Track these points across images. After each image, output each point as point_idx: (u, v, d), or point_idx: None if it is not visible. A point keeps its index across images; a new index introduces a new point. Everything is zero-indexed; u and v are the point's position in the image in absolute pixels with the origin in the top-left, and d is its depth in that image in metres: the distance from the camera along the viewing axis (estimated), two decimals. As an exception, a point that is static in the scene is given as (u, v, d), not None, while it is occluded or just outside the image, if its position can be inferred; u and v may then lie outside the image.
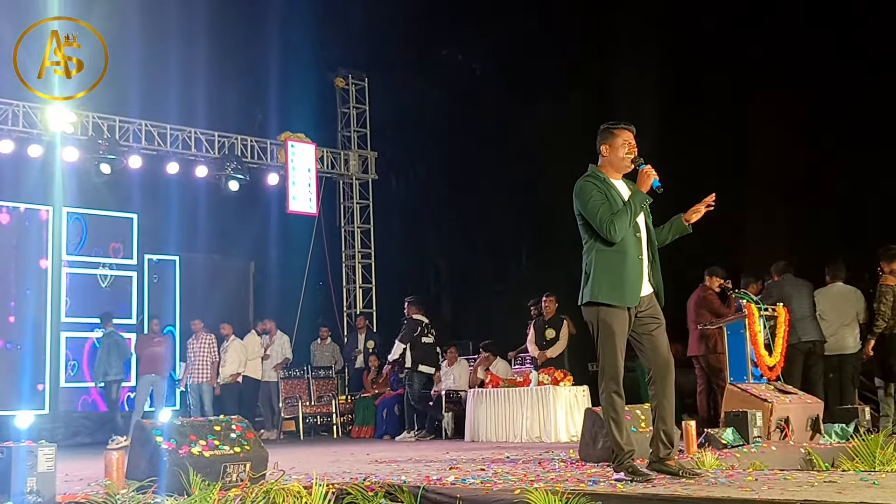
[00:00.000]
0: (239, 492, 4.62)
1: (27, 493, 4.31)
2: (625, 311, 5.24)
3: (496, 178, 15.90)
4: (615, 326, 5.23)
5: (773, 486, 4.47)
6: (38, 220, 14.13)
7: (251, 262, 17.03)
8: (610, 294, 5.21)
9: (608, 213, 5.23)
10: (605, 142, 5.51)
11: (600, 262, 5.28)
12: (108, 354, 13.16)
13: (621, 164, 5.46)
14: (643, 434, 6.66)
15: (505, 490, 4.66)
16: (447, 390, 12.54)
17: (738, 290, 9.67)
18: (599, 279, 5.25)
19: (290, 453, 8.75)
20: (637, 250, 5.30)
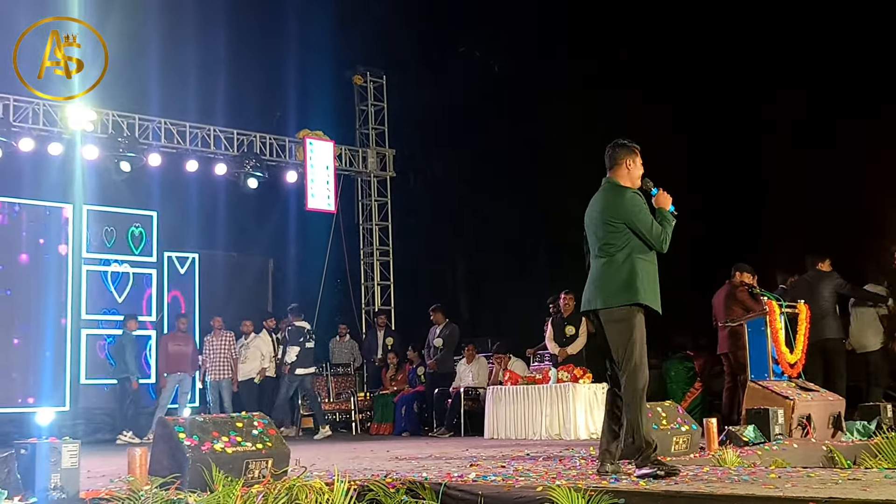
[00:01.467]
0: (261, 488, 4.63)
1: (51, 489, 4.32)
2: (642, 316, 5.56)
3: (514, 175, 15.88)
4: (641, 324, 5.53)
5: (797, 484, 4.45)
6: (59, 218, 14.19)
7: (270, 259, 17.06)
8: (653, 299, 5.54)
9: (660, 226, 5.59)
10: (630, 157, 5.86)
11: (642, 270, 5.53)
12: (123, 352, 13.23)
13: (637, 181, 5.80)
14: (664, 431, 6.66)
15: (527, 487, 4.66)
16: (465, 388, 12.55)
17: (760, 288, 9.63)
18: (644, 284, 5.51)
19: (310, 450, 8.76)
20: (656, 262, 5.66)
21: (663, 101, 13.87)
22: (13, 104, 13.51)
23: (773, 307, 9.00)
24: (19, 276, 13.80)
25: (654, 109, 13.87)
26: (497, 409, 11.22)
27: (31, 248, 13.93)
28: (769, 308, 8.98)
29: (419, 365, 13.90)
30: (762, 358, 8.92)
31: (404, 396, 13.47)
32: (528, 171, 15.57)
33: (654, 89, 13.96)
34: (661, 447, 6.52)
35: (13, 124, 13.40)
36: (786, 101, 12.64)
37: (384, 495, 4.92)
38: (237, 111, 15.45)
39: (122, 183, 14.37)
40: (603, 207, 5.72)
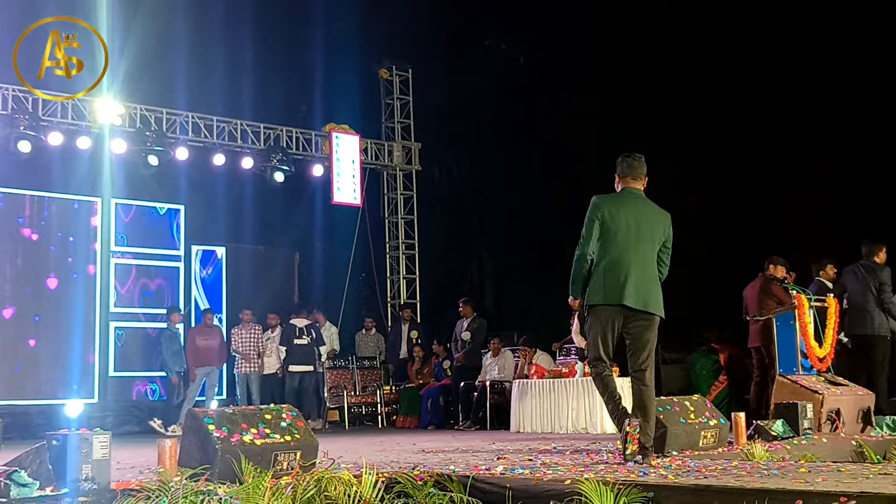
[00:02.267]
0: (290, 480, 4.64)
1: (82, 479, 4.35)
2: None
3: (540, 168, 15.85)
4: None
5: (828, 478, 4.42)
6: (88, 212, 14.31)
7: (296, 252, 17.12)
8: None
9: None
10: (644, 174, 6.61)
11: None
12: (170, 346, 13.38)
13: None
14: (692, 425, 6.64)
15: (555, 480, 4.65)
16: (491, 381, 12.55)
17: (788, 281, 9.57)
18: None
19: (337, 442, 8.79)
20: None
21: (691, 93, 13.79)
22: (42, 99, 13.61)
23: (802, 301, 8.94)
24: (48, 269, 13.93)
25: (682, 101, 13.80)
26: (523, 402, 11.21)
27: (60, 242, 14.06)
28: (798, 302, 8.92)
29: (445, 358, 13.92)
30: (791, 352, 8.87)
31: (430, 390, 13.49)
32: (554, 164, 15.54)
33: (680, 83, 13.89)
34: (689, 441, 6.52)
35: (42, 118, 13.51)
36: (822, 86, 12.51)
37: (412, 488, 4.92)
38: (264, 105, 15.53)
39: (149, 177, 14.47)
40: (665, 226, 6.40)
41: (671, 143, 13.90)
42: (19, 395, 13.16)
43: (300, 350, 13.76)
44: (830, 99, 12.43)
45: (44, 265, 13.90)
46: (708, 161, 13.61)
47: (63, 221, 14.13)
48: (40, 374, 13.61)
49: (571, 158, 15.03)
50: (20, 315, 13.62)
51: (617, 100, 14.20)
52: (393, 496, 4.86)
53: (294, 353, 13.75)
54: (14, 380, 13.39)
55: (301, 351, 13.77)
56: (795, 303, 8.95)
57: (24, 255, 13.78)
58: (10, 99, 13.30)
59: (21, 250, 13.78)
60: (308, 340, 13.82)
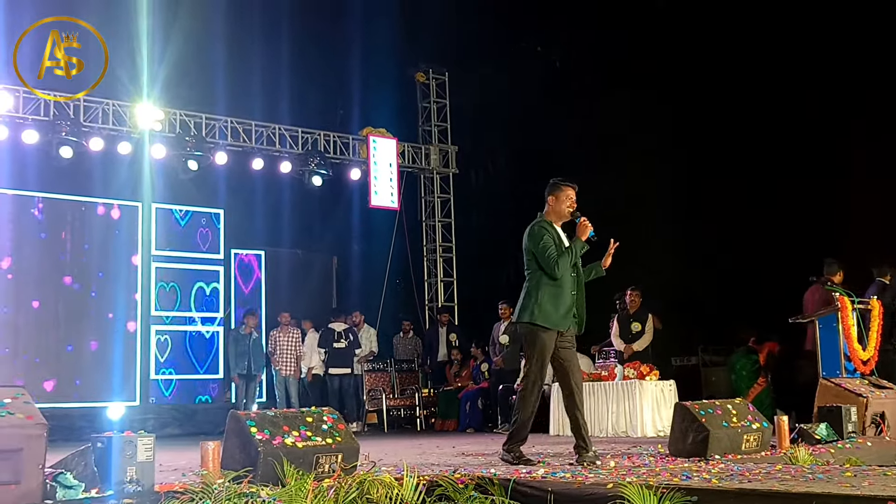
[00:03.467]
0: (332, 482, 4.66)
1: (127, 481, 4.38)
2: (554, 333, 6.45)
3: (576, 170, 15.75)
4: (548, 344, 6.45)
5: (874, 482, 4.36)
6: (128, 216, 14.45)
7: (334, 256, 17.19)
8: (548, 319, 6.42)
9: (555, 254, 6.47)
10: (552, 194, 6.74)
11: (544, 292, 6.48)
12: (235, 348, 13.54)
13: (563, 215, 6.66)
14: (735, 429, 6.57)
15: (597, 484, 4.62)
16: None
17: (831, 284, 9.45)
18: (542, 305, 6.46)
19: (377, 445, 8.80)
20: (572, 287, 6.53)
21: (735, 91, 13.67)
22: (83, 104, 13.78)
23: (845, 303, 8.84)
24: (90, 273, 14.09)
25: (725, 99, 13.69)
26: (562, 406, 11.13)
27: (101, 247, 14.21)
28: (841, 304, 8.81)
29: (483, 361, 13.90)
30: (834, 355, 8.77)
31: (468, 393, 13.47)
32: (590, 167, 15.45)
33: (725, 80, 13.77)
34: (731, 445, 6.46)
35: (83, 124, 13.66)
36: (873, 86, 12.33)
37: (453, 491, 4.92)
38: (302, 110, 15.60)
39: (189, 181, 14.58)
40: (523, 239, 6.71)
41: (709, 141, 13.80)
42: (62, 398, 13.30)
43: (339, 353, 13.90)
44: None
45: (85, 269, 14.05)
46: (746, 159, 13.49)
47: (104, 226, 14.27)
48: (82, 378, 13.76)
49: (607, 161, 14.95)
50: (62, 318, 13.78)
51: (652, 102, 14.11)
52: (434, 499, 4.86)
53: (333, 356, 13.90)
54: (57, 383, 13.55)
55: (339, 354, 13.91)
56: (838, 304, 8.84)
57: (65, 259, 13.94)
58: (51, 105, 13.46)
59: (62, 254, 13.94)
60: (346, 344, 13.95)
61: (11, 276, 13.46)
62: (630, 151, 14.38)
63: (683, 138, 13.96)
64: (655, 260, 13.60)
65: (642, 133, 14.27)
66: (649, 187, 14.03)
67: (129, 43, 12.76)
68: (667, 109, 14.03)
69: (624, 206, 14.45)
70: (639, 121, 14.29)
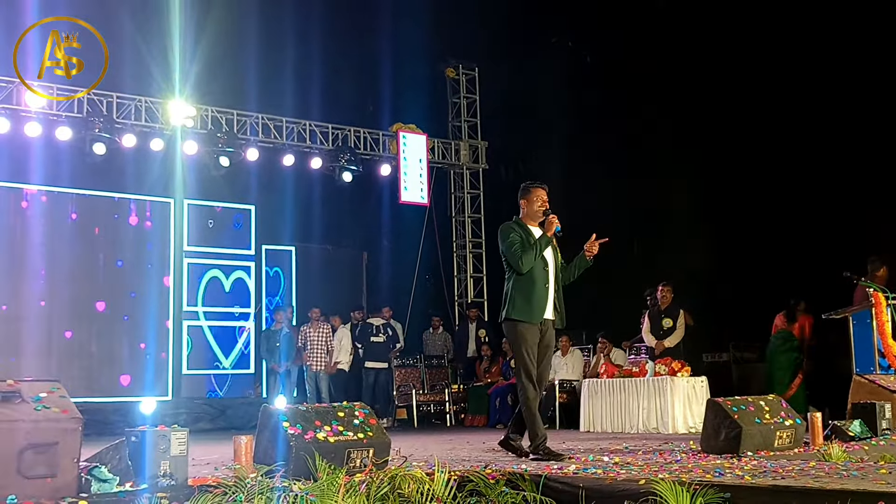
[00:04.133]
0: (364, 477, 4.67)
1: (161, 475, 4.42)
2: (535, 326, 6.68)
3: (607, 166, 15.71)
4: (528, 337, 6.66)
5: (910, 480, 4.32)
6: (160, 213, 14.56)
7: (364, 252, 17.24)
8: (521, 312, 6.67)
9: (520, 250, 6.70)
10: (524, 197, 7.04)
11: (516, 288, 6.74)
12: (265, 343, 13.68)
13: (536, 215, 6.90)
14: (767, 425, 6.53)
15: (629, 480, 4.60)
16: (560, 380, 12.50)
17: (864, 279, 9.36)
18: (515, 301, 6.72)
19: (407, 441, 8.82)
20: (543, 280, 6.72)
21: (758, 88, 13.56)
22: (116, 101, 13.90)
23: (880, 299, 8.75)
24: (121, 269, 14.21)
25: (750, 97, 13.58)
26: (593, 402, 11.14)
27: (133, 243, 14.32)
28: (875, 300, 8.73)
29: (513, 357, 13.87)
30: (868, 351, 8.69)
31: (498, 388, 13.46)
32: (621, 162, 15.40)
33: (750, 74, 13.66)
34: (764, 441, 6.42)
35: (116, 121, 13.77)
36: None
37: (484, 486, 4.92)
38: (332, 106, 15.65)
39: (220, 178, 14.67)
40: None
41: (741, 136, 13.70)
42: (95, 392, 13.43)
43: (377, 348, 14.02)
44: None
45: (117, 264, 14.16)
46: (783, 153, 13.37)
47: (136, 222, 14.38)
48: (114, 372, 13.89)
49: (638, 156, 14.88)
50: (96, 314, 13.91)
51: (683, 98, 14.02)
52: (465, 494, 4.86)
53: (370, 350, 13.99)
54: (89, 377, 13.69)
55: (377, 349, 14.02)
56: (872, 301, 8.76)
57: (98, 254, 14.07)
58: (84, 102, 13.58)
59: (96, 250, 14.06)
60: (384, 338, 14.04)
61: (44, 270, 13.60)
62: (661, 146, 14.29)
63: (715, 133, 13.86)
64: (686, 256, 13.53)
65: (673, 129, 14.18)
66: (680, 183, 13.94)
67: (162, 40, 12.87)
68: (699, 104, 13.93)
69: (655, 202, 14.39)
70: (669, 116, 14.21)
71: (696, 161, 13.92)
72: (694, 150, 13.99)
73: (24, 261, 13.41)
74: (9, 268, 13.37)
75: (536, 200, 6.92)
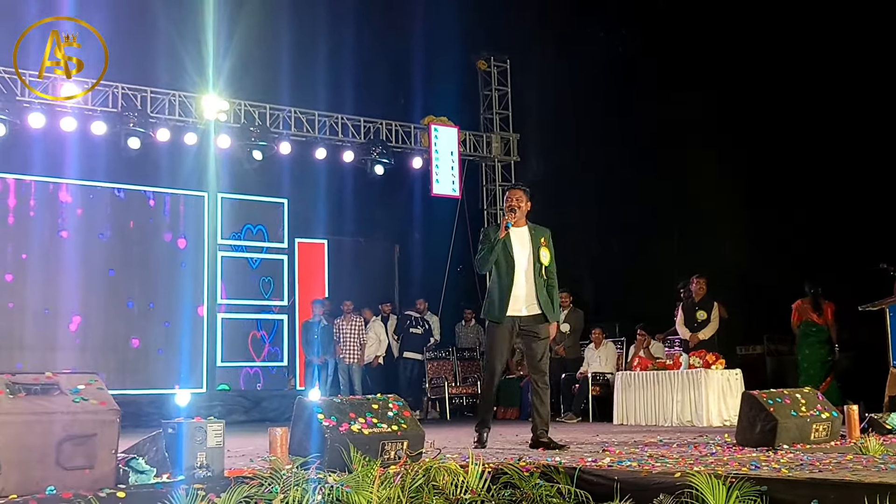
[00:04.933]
0: (398, 469, 4.68)
1: (197, 467, 4.45)
2: (502, 325, 6.95)
3: (641, 157, 15.62)
4: (496, 334, 7.00)
5: (950, 474, 4.27)
6: (195, 206, 14.67)
7: (396, 245, 17.28)
8: (489, 312, 7.06)
9: (480, 252, 7.05)
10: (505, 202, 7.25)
11: (489, 288, 7.18)
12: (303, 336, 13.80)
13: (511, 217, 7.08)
14: (803, 418, 6.48)
15: (664, 473, 4.58)
16: (593, 373, 12.46)
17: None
18: (486, 300, 7.16)
19: (440, 433, 8.83)
20: (509, 280, 6.93)
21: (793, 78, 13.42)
22: (150, 96, 14.00)
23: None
24: (156, 262, 14.33)
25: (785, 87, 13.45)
26: (626, 394, 11.10)
27: (168, 237, 14.44)
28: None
29: (545, 350, 13.86)
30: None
31: (530, 382, 13.43)
32: (655, 153, 15.30)
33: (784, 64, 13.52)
34: (800, 435, 6.37)
35: (150, 115, 13.88)
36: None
37: (518, 479, 4.91)
38: (364, 99, 15.68)
39: (253, 171, 14.74)
40: None
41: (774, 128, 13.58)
42: (130, 384, 13.56)
43: (414, 339, 14.14)
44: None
45: (152, 258, 14.29)
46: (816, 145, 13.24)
47: (171, 216, 14.50)
48: (150, 365, 14.02)
49: (670, 149, 14.78)
50: (132, 306, 14.04)
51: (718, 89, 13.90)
52: (499, 487, 4.85)
53: (409, 340, 14.10)
54: (125, 369, 13.82)
55: (415, 340, 14.15)
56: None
57: (133, 248, 14.19)
58: (119, 97, 13.69)
59: (130, 244, 14.19)
60: (422, 331, 14.14)
61: (80, 265, 13.74)
62: (695, 139, 14.19)
63: (751, 124, 13.74)
64: (720, 248, 13.44)
65: (706, 121, 14.08)
66: (713, 175, 13.84)
67: (196, 35, 12.95)
68: (735, 95, 13.81)
69: (688, 195, 14.28)
70: (703, 109, 14.10)
71: (731, 152, 13.81)
72: (729, 141, 13.88)
73: (60, 256, 13.57)
74: (45, 262, 13.53)
75: (507, 201, 7.19)
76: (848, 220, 12.50)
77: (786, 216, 13.41)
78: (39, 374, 4.27)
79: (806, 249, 12.95)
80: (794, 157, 13.38)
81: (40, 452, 3.96)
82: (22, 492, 3.82)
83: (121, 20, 12.16)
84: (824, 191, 12.97)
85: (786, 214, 13.41)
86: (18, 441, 3.92)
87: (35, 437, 3.97)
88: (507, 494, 4.83)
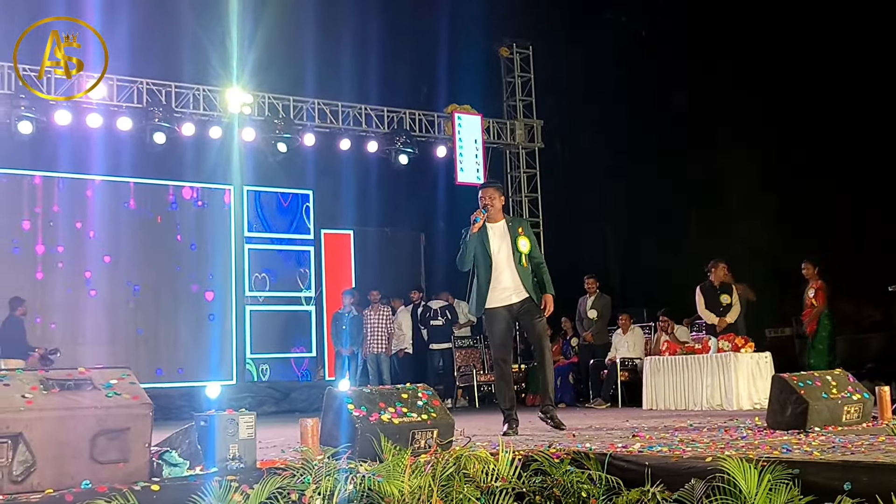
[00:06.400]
0: (429, 457, 4.69)
1: (230, 458, 4.47)
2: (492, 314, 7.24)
3: (663, 143, 15.56)
4: (492, 323, 7.28)
5: (985, 454, 4.23)
6: (220, 200, 14.75)
7: (421, 233, 17.31)
8: (477, 308, 7.37)
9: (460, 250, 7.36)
10: None
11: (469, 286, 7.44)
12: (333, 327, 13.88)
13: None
14: (834, 400, 6.44)
15: (695, 458, 4.56)
16: (622, 358, 12.44)
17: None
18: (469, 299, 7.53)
19: (469, 421, 8.83)
20: (487, 275, 7.23)
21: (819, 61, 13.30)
22: (175, 90, 14.06)
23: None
24: (183, 256, 14.43)
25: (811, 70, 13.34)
26: (655, 379, 11.06)
27: (194, 230, 14.53)
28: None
29: (573, 336, 13.84)
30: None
31: (559, 368, 13.42)
32: (677, 138, 15.23)
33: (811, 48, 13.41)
34: (831, 417, 6.33)
35: (175, 110, 13.95)
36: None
37: (549, 465, 4.91)
38: (387, 89, 15.70)
39: (278, 164, 14.79)
40: None
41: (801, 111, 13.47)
42: (161, 377, 13.67)
43: (438, 330, 14.15)
44: None
45: (178, 252, 14.39)
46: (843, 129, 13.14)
47: (197, 209, 14.59)
48: (180, 358, 14.13)
49: (694, 132, 14.71)
50: (160, 300, 14.15)
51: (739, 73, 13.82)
52: (530, 474, 4.86)
53: (432, 332, 14.16)
54: (156, 363, 13.93)
55: (438, 331, 14.15)
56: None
57: (159, 242, 14.30)
58: (144, 92, 13.77)
59: (158, 237, 14.29)
60: (443, 322, 14.12)
61: (109, 258, 13.85)
62: (720, 121, 14.11)
63: (775, 108, 13.64)
64: (747, 230, 13.36)
65: (729, 104, 13.99)
66: (739, 157, 13.77)
67: (220, 29, 13.00)
68: (758, 79, 13.72)
69: (715, 177, 14.22)
70: (725, 91, 14.01)
71: (756, 133, 13.74)
72: (753, 122, 13.80)
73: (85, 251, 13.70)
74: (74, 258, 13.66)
75: (480, 200, 7.52)
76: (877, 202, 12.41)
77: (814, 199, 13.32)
78: (72, 370, 4.31)
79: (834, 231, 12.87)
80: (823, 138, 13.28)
81: (74, 447, 4.00)
82: (57, 486, 3.86)
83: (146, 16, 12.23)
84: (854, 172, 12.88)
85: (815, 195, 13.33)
86: (53, 436, 3.96)
87: (69, 433, 4.00)
88: (537, 481, 4.83)
